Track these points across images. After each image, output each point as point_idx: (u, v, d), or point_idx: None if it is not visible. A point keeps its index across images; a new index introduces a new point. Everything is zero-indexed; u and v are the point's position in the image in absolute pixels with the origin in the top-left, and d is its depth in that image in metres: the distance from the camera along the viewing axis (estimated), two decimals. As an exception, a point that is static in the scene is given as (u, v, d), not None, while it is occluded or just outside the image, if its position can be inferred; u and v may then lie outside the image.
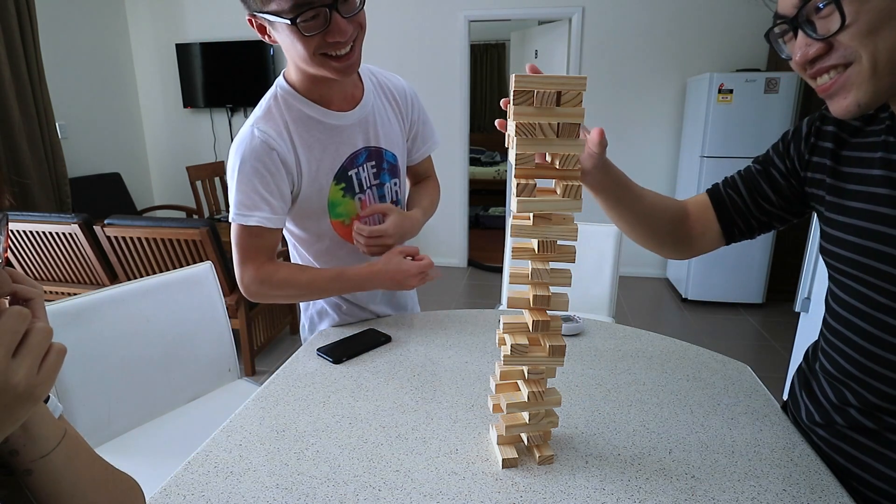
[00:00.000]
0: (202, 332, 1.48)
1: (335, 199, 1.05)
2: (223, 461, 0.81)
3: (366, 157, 1.06)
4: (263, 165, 0.96)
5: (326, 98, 1.02)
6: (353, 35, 0.91)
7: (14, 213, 2.60)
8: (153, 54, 4.60)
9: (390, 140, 1.11)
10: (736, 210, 0.88)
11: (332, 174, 1.03)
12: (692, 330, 3.26)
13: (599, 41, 3.91)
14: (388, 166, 1.11)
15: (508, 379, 0.81)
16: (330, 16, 0.85)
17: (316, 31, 0.86)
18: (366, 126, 1.06)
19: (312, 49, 0.89)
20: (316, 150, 1.00)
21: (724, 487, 0.74)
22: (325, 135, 1.01)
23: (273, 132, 0.97)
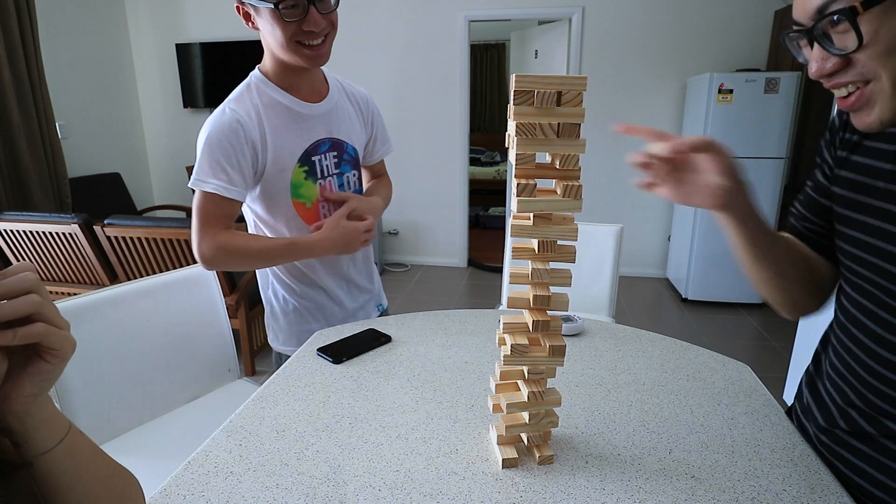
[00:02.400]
0: (202, 332, 1.48)
1: (297, 180, 1.12)
2: (223, 461, 0.81)
3: (329, 147, 1.16)
4: (228, 140, 1.04)
5: (295, 88, 1.11)
6: (326, 29, 1.03)
7: (14, 213, 2.60)
8: (153, 54, 4.60)
9: (351, 135, 1.20)
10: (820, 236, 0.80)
11: (297, 157, 1.11)
12: (692, 330, 3.26)
13: (599, 41, 3.91)
14: (348, 158, 1.20)
15: (508, 379, 0.81)
16: (307, 8, 0.98)
17: (294, 18, 0.98)
18: (330, 119, 1.16)
19: (289, 35, 1.00)
20: (282, 132, 1.09)
21: (724, 487, 0.74)
22: (292, 120, 1.10)
23: (243, 112, 1.05)
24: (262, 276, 1.27)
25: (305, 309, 1.26)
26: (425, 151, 4.35)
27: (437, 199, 4.45)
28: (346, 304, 1.30)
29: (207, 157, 1.05)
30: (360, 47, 4.22)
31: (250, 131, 1.06)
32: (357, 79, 4.33)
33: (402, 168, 4.40)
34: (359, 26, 4.18)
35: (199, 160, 1.06)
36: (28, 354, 0.44)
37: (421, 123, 4.29)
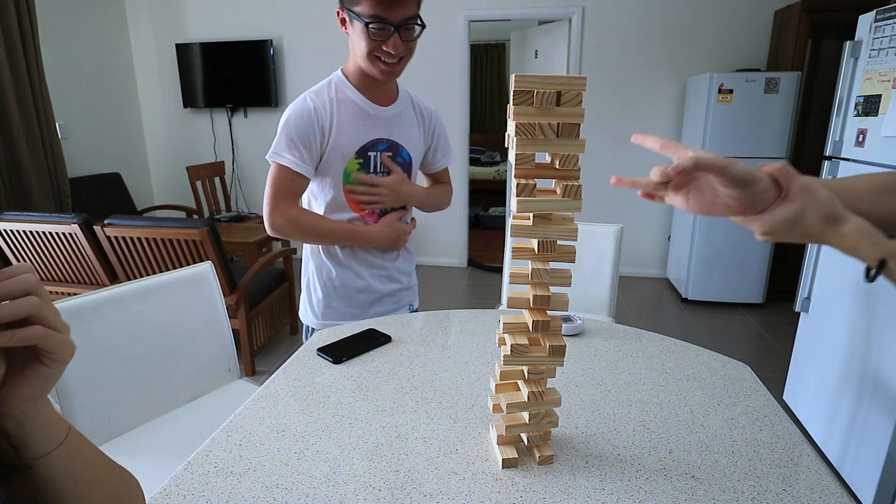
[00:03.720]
0: (202, 332, 1.48)
1: (351, 169, 1.26)
2: (223, 461, 0.81)
3: (386, 147, 1.28)
4: (304, 122, 1.20)
5: (368, 90, 1.25)
6: (403, 53, 1.17)
7: (14, 213, 2.60)
8: (153, 54, 4.60)
9: (409, 141, 1.33)
10: None
11: (355, 149, 1.24)
12: (692, 330, 3.26)
13: (599, 41, 3.91)
14: (401, 161, 1.32)
15: (508, 379, 0.81)
16: (392, 33, 1.12)
17: (378, 38, 1.13)
18: (392, 123, 1.29)
19: (370, 49, 1.14)
20: (348, 125, 1.23)
21: (724, 487, 0.74)
22: (358, 117, 1.24)
23: (319, 102, 1.22)
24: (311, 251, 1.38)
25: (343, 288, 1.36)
26: (425, 151, 4.35)
27: (437, 199, 4.45)
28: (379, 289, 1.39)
29: (285, 135, 1.20)
30: (360, 47, 4.22)
31: (322, 118, 1.21)
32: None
33: (402, 168, 4.40)
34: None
35: (278, 137, 1.22)
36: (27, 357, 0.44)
37: (421, 123, 4.28)
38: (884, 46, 1.82)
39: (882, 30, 1.83)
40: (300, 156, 1.20)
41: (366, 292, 1.38)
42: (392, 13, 1.10)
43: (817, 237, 0.58)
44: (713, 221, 3.47)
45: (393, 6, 1.09)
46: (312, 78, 4.32)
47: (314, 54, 4.29)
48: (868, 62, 1.90)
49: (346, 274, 1.35)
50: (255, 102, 4.44)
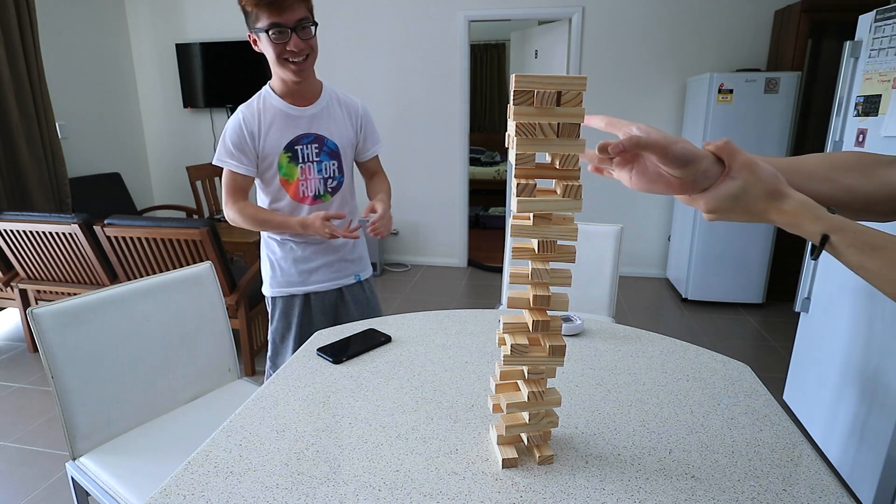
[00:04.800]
0: (202, 332, 1.48)
1: (283, 162, 1.49)
2: (223, 461, 0.81)
3: (311, 140, 1.49)
4: (236, 132, 1.44)
5: (289, 96, 1.48)
6: (306, 51, 1.38)
7: (14, 213, 2.60)
8: (153, 54, 4.60)
9: (334, 133, 1.52)
10: None
11: (282, 146, 1.47)
12: (692, 330, 3.26)
13: (599, 41, 3.91)
14: (328, 150, 1.52)
15: (508, 379, 0.81)
16: (290, 34, 1.33)
17: (280, 41, 1.34)
18: (314, 119, 1.50)
19: (277, 53, 1.36)
20: (273, 127, 1.46)
21: (724, 487, 0.74)
22: (282, 119, 1.47)
23: (248, 113, 1.45)
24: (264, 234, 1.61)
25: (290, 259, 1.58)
26: (425, 151, 4.35)
27: (437, 199, 4.45)
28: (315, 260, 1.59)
29: (223, 144, 1.45)
30: (360, 47, 4.22)
31: (251, 126, 1.44)
32: (357, 78, 4.33)
33: (402, 168, 4.40)
34: (359, 26, 4.18)
35: (219, 146, 1.46)
36: None
37: (421, 123, 4.29)
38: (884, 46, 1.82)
39: (882, 30, 1.83)
40: (238, 159, 1.45)
41: (302, 262, 1.58)
42: (284, 17, 1.31)
43: (761, 214, 0.57)
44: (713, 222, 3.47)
45: (283, 12, 1.30)
46: (312, 78, 4.33)
47: (314, 54, 4.30)
48: (868, 62, 1.90)
49: (285, 249, 1.58)
50: (255, 102, 4.44)
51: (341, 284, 1.63)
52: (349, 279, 1.65)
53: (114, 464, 1.21)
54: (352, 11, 4.15)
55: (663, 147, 0.56)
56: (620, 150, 0.57)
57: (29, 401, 2.44)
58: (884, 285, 0.53)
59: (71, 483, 1.26)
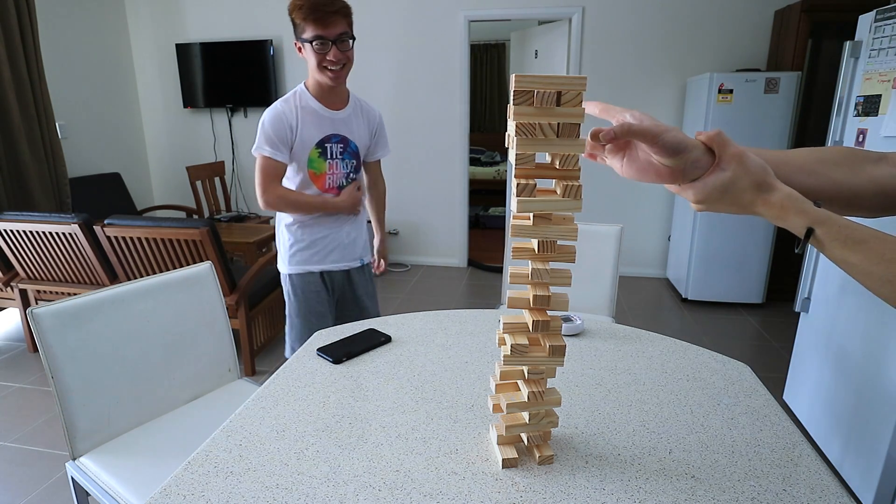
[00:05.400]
0: (202, 332, 1.48)
1: (313, 156, 1.64)
2: (223, 461, 0.81)
3: (338, 140, 1.67)
4: (277, 122, 1.58)
5: (323, 98, 1.65)
6: (343, 61, 1.56)
7: (14, 213, 2.60)
8: (153, 54, 4.60)
9: (356, 136, 1.71)
10: None
11: (315, 142, 1.63)
12: (692, 330, 3.26)
13: (599, 41, 3.91)
14: (351, 150, 1.71)
15: (508, 379, 0.81)
16: (331, 46, 1.52)
17: (321, 52, 1.53)
18: (343, 123, 1.68)
19: (318, 61, 1.54)
20: (308, 125, 1.62)
21: (724, 487, 0.74)
22: (316, 118, 1.63)
23: (287, 108, 1.60)
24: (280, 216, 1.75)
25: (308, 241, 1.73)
26: (425, 151, 4.35)
27: (437, 199, 4.45)
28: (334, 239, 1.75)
29: (263, 133, 1.58)
30: (360, 47, 4.22)
31: (290, 119, 1.59)
32: (358, 78, 4.33)
33: (402, 168, 4.40)
34: (359, 26, 4.18)
35: (259, 135, 1.59)
36: None
37: (421, 123, 4.29)
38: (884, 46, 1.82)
39: (882, 30, 1.83)
40: (277, 147, 1.58)
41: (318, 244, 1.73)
42: (327, 31, 1.50)
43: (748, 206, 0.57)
44: (713, 221, 3.47)
45: (327, 26, 1.49)
46: (312, 78, 4.33)
47: (314, 54, 4.30)
48: (868, 62, 1.90)
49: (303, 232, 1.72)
50: (255, 102, 4.44)
51: (349, 266, 1.80)
52: (356, 262, 1.82)
53: (114, 464, 1.21)
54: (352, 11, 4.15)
55: (654, 135, 0.57)
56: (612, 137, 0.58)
57: (29, 401, 2.44)
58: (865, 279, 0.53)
59: (71, 483, 1.26)
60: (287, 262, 1.75)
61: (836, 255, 0.54)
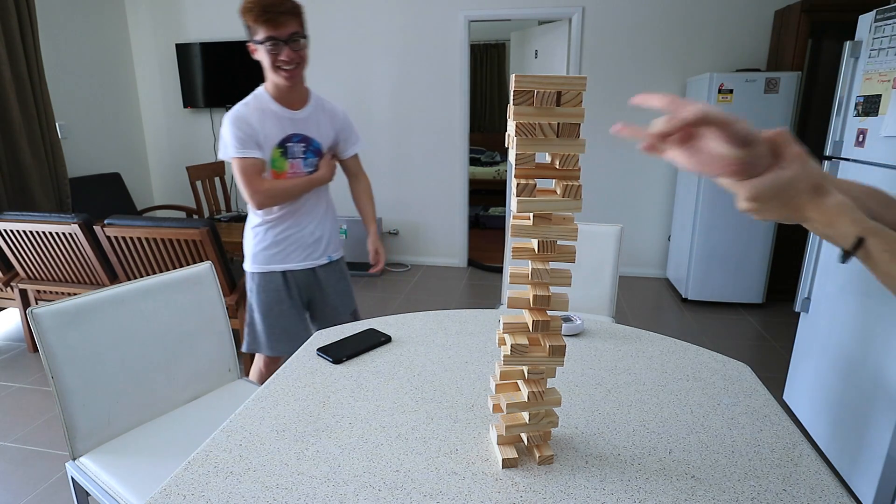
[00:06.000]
0: (202, 332, 1.48)
1: (275, 156, 1.65)
2: (223, 461, 0.81)
3: (299, 139, 1.68)
4: (242, 123, 1.58)
5: (282, 100, 1.64)
6: (297, 60, 1.56)
7: (14, 213, 2.60)
8: (153, 54, 4.60)
9: (319, 135, 1.72)
10: None
11: (276, 142, 1.63)
12: (692, 330, 3.26)
13: (599, 41, 3.91)
14: (313, 148, 1.72)
15: (508, 379, 0.81)
16: (283, 47, 1.52)
17: (274, 52, 1.53)
18: (303, 122, 1.68)
19: (272, 61, 1.55)
20: (269, 125, 1.62)
21: (724, 487, 0.74)
22: (277, 119, 1.63)
23: (246, 111, 1.61)
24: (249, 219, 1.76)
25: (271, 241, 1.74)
26: (425, 151, 4.35)
27: (437, 199, 4.45)
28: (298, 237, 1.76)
29: (233, 136, 1.57)
30: (360, 47, 4.22)
31: (252, 121, 1.60)
32: (358, 78, 4.33)
33: (402, 168, 4.40)
34: (359, 26, 4.18)
35: (228, 140, 1.58)
36: None
37: (421, 123, 4.29)
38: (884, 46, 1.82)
39: (882, 30, 1.83)
40: (248, 145, 1.58)
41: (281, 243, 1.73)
42: (279, 32, 1.50)
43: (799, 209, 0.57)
44: (713, 221, 3.47)
45: (278, 27, 1.49)
46: (312, 77, 4.33)
47: (314, 54, 4.29)
48: (868, 62, 1.90)
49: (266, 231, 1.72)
50: (255, 102, 4.44)
51: (314, 265, 1.80)
52: (322, 259, 1.82)
53: (114, 464, 1.21)
54: (352, 11, 4.15)
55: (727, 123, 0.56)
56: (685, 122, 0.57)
57: (29, 401, 2.44)
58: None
59: (71, 483, 1.26)
60: (251, 262, 1.77)
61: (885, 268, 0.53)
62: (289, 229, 1.74)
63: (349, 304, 1.94)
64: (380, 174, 4.45)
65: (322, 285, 1.84)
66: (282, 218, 1.72)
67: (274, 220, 1.71)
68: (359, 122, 4.37)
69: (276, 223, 1.72)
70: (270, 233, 1.73)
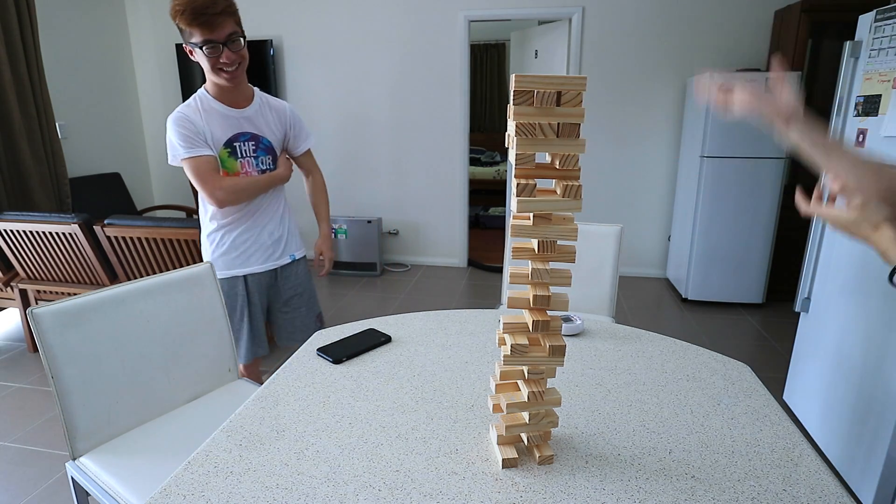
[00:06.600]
0: (202, 332, 1.48)
1: (223, 157, 1.61)
2: (223, 461, 0.81)
3: (248, 138, 1.64)
4: (187, 123, 1.54)
5: (224, 99, 1.61)
6: (237, 61, 1.52)
7: (14, 213, 2.60)
8: (153, 54, 4.60)
9: (267, 132, 1.68)
10: None
11: (222, 142, 1.59)
12: (692, 330, 3.26)
13: (599, 41, 3.91)
14: (263, 146, 1.68)
15: (508, 379, 0.81)
16: (222, 49, 1.48)
17: (213, 55, 1.48)
18: (250, 120, 1.64)
19: (212, 64, 1.50)
20: (214, 126, 1.58)
21: (724, 487, 0.74)
22: (222, 119, 1.59)
23: (190, 112, 1.56)
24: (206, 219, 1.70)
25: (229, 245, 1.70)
26: (425, 151, 4.35)
27: (437, 199, 4.45)
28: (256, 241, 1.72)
29: (181, 137, 1.52)
30: (360, 47, 4.22)
31: (196, 122, 1.56)
32: (357, 78, 4.33)
33: (402, 168, 4.40)
34: (359, 26, 4.18)
35: (176, 142, 1.52)
36: None
37: (421, 123, 4.29)
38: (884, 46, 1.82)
39: (882, 30, 1.83)
40: (196, 143, 1.53)
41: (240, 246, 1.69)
42: (215, 34, 1.45)
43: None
44: (713, 221, 3.47)
45: (214, 29, 1.44)
46: (312, 78, 4.33)
47: (314, 54, 4.29)
48: (868, 62, 1.90)
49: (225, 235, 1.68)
50: (255, 102, 4.44)
51: (276, 265, 1.76)
52: (285, 259, 1.79)
53: (114, 464, 1.21)
54: (352, 11, 4.15)
55: None
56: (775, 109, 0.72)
57: (29, 401, 2.44)
58: None
59: (71, 483, 1.26)
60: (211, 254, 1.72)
61: None
62: (247, 231, 1.69)
63: (313, 306, 1.89)
64: (380, 174, 4.45)
65: (280, 288, 1.80)
66: (239, 220, 1.67)
67: (231, 222, 1.66)
68: (359, 123, 4.37)
69: (233, 226, 1.67)
70: (228, 237, 1.67)
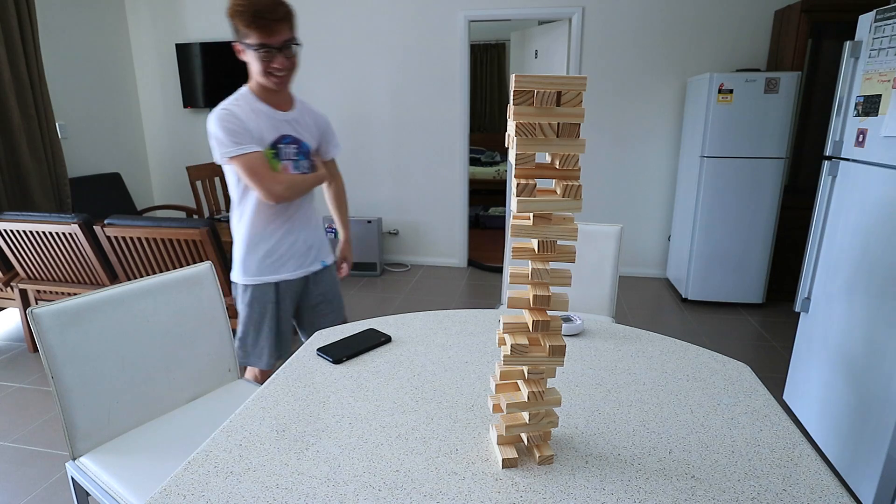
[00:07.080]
0: (202, 332, 1.48)
1: (268, 157, 1.58)
2: (223, 461, 0.81)
3: (290, 141, 1.64)
4: (236, 120, 1.51)
5: (269, 100, 1.61)
6: (288, 67, 1.54)
7: (14, 213, 2.60)
8: (153, 54, 4.60)
9: (307, 137, 1.70)
10: None
11: (268, 143, 1.58)
12: (692, 330, 3.26)
13: (599, 41, 3.91)
14: (303, 150, 1.69)
15: (508, 379, 0.81)
16: (276, 54, 1.49)
17: (266, 60, 1.49)
18: (293, 124, 1.66)
19: (263, 67, 1.51)
20: (261, 126, 1.57)
21: (724, 487, 0.74)
22: (268, 120, 1.59)
23: (238, 109, 1.54)
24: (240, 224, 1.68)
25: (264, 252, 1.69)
26: (425, 151, 4.35)
27: (437, 199, 4.45)
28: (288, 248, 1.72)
29: (230, 133, 1.49)
30: (360, 47, 4.22)
31: (244, 120, 1.53)
32: (357, 78, 4.32)
33: (403, 168, 4.40)
34: (359, 26, 4.18)
35: (223, 139, 1.49)
36: None
37: (421, 123, 4.29)
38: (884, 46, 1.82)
39: (882, 30, 1.83)
40: (247, 139, 1.52)
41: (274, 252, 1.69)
42: (273, 39, 1.46)
43: None
44: (713, 221, 3.47)
45: (272, 34, 1.45)
46: (313, 78, 4.33)
47: (314, 54, 4.29)
48: (868, 62, 1.90)
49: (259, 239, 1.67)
50: (255, 102, 4.44)
51: (307, 272, 1.76)
52: (315, 265, 1.79)
53: (114, 464, 1.21)
54: (352, 11, 4.15)
55: None
56: None
57: (29, 401, 2.44)
58: None
59: (71, 483, 1.26)
60: (241, 273, 1.70)
61: None
62: (285, 238, 1.69)
63: (339, 310, 1.89)
64: (380, 174, 4.45)
65: (310, 293, 1.81)
66: (277, 228, 1.67)
67: (270, 230, 1.66)
68: (359, 123, 4.37)
69: (271, 233, 1.66)
70: (265, 244, 1.67)
